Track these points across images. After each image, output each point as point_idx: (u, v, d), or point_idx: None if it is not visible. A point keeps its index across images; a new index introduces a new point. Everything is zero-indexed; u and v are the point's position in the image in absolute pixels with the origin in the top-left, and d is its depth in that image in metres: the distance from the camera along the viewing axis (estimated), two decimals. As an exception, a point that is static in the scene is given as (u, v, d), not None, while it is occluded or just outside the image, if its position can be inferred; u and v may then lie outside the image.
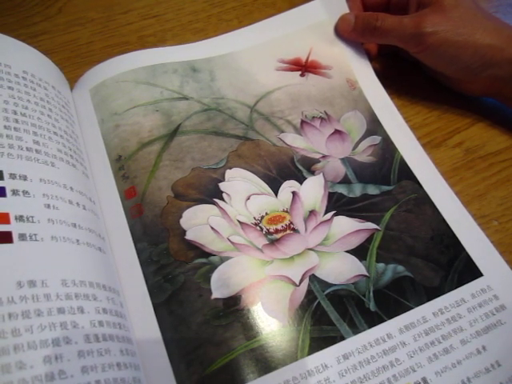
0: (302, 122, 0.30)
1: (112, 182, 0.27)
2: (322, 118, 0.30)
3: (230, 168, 0.27)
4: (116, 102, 0.29)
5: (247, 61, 0.31)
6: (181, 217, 0.25)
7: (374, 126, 0.30)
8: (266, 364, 0.22)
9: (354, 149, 0.29)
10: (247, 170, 0.27)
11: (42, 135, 0.25)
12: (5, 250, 0.20)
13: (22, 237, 0.21)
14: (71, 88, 0.31)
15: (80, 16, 0.36)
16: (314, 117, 0.30)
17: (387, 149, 0.30)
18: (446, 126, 0.32)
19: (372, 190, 0.28)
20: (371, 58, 0.33)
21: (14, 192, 0.22)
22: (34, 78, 0.27)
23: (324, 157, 0.29)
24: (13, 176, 0.22)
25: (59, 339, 0.19)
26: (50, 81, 0.28)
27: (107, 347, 0.20)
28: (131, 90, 0.29)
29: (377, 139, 0.30)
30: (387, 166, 0.29)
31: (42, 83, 0.28)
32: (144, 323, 0.23)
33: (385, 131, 0.30)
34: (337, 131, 0.30)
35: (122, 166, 0.27)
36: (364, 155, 0.29)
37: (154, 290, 0.23)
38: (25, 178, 0.23)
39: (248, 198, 0.26)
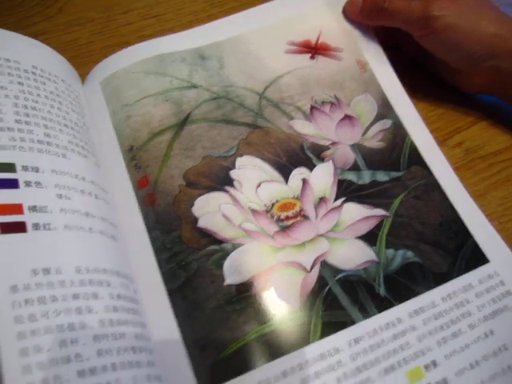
0: (312, 107, 0.30)
1: (124, 172, 0.27)
2: (331, 103, 0.30)
3: (241, 156, 0.27)
4: (126, 93, 0.29)
5: (256, 43, 0.31)
6: (193, 205, 0.25)
7: (385, 109, 0.30)
8: (279, 348, 0.22)
9: (363, 134, 0.29)
10: (257, 157, 0.27)
11: (53, 128, 0.25)
12: (19, 239, 0.21)
13: (36, 226, 0.21)
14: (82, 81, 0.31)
15: (80, 16, 0.36)
16: (323, 102, 0.30)
17: (398, 133, 0.30)
18: (446, 125, 0.32)
19: (381, 176, 0.28)
20: None
21: (27, 183, 0.22)
22: (44, 73, 0.28)
23: (333, 143, 0.29)
24: (25, 168, 0.23)
25: (74, 324, 0.20)
26: (59, 74, 0.29)
27: (122, 331, 0.21)
28: (141, 81, 0.29)
29: (387, 123, 0.30)
30: (397, 151, 0.29)
31: (52, 77, 0.28)
32: (158, 309, 0.23)
33: (396, 115, 0.30)
34: (346, 116, 0.30)
35: (134, 156, 0.27)
36: (374, 141, 0.29)
37: (167, 277, 0.24)
38: (37, 169, 0.23)
39: (259, 186, 0.26)
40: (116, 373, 0.20)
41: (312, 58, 0.32)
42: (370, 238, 0.26)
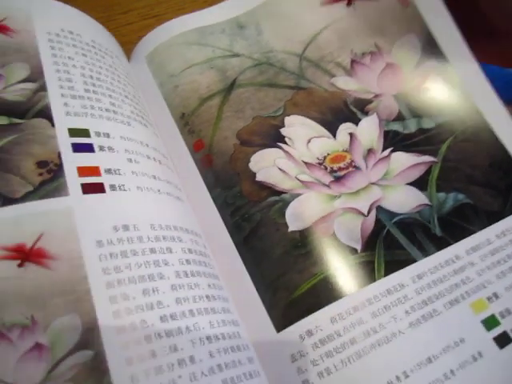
0: (352, 61, 0.30)
1: (180, 138, 0.28)
2: (372, 53, 0.30)
3: (288, 115, 0.28)
4: (171, 64, 0.30)
5: (290, 2, 0.32)
6: (249, 161, 0.27)
7: (431, 49, 0.30)
8: (347, 286, 0.23)
9: (407, 81, 0.29)
10: (304, 116, 0.28)
11: (116, 98, 0.27)
12: (100, 198, 0.22)
13: (113, 187, 0.23)
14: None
15: None
16: (363, 53, 0.30)
17: (445, 75, 0.29)
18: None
19: (427, 123, 0.28)
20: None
21: (101, 148, 0.24)
22: (102, 47, 0.29)
23: (376, 96, 0.29)
24: (97, 134, 0.24)
25: (154, 275, 0.21)
26: (113, 50, 0.30)
27: (196, 282, 0.22)
28: (184, 52, 0.30)
29: (433, 65, 0.29)
30: (444, 95, 0.29)
31: (109, 52, 0.30)
32: (228, 260, 0.25)
33: (442, 52, 0.29)
34: (388, 65, 0.30)
35: (186, 122, 0.29)
36: (418, 87, 0.29)
37: (233, 230, 0.25)
38: (108, 135, 0.25)
39: (309, 141, 0.27)
40: (194, 318, 0.21)
41: (349, 4, 0.31)
42: (420, 183, 0.26)
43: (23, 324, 0.18)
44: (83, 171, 0.22)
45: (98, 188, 0.22)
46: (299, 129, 0.28)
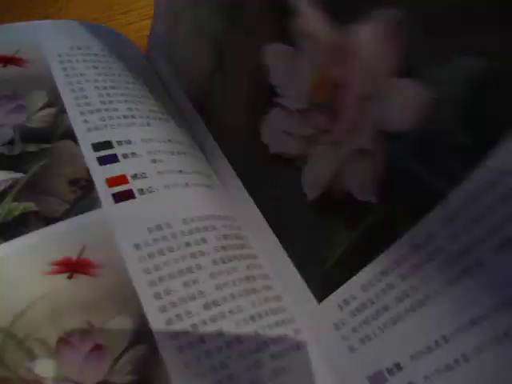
0: None
1: (201, 123, 0.29)
2: None
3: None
4: (179, 52, 0.30)
5: None
6: (260, 135, 0.25)
7: None
8: (372, 248, 0.21)
9: None
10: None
11: (133, 101, 0.28)
12: (131, 205, 0.24)
13: (141, 191, 0.24)
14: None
15: (80, 16, 0.36)
16: None
17: None
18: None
19: None
20: None
21: (124, 156, 0.25)
22: (112, 53, 0.30)
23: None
24: (119, 143, 0.26)
25: (192, 267, 0.22)
26: (125, 52, 0.31)
27: (234, 266, 0.23)
28: (190, 37, 0.30)
29: None
30: None
31: (119, 54, 0.30)
32: (264, 238, 0.25)
33: None
34: None
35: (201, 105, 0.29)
36: None
37: (264, 209, 0.25)
38: (129, 142, 0.26)
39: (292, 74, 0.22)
40: (235, 301, 0.22)
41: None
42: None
43: (81, 329, 0.21)
44: (112, 182, 0.24)
45: (128, 195, 0.24)
46: (280, 64, 0.23)
